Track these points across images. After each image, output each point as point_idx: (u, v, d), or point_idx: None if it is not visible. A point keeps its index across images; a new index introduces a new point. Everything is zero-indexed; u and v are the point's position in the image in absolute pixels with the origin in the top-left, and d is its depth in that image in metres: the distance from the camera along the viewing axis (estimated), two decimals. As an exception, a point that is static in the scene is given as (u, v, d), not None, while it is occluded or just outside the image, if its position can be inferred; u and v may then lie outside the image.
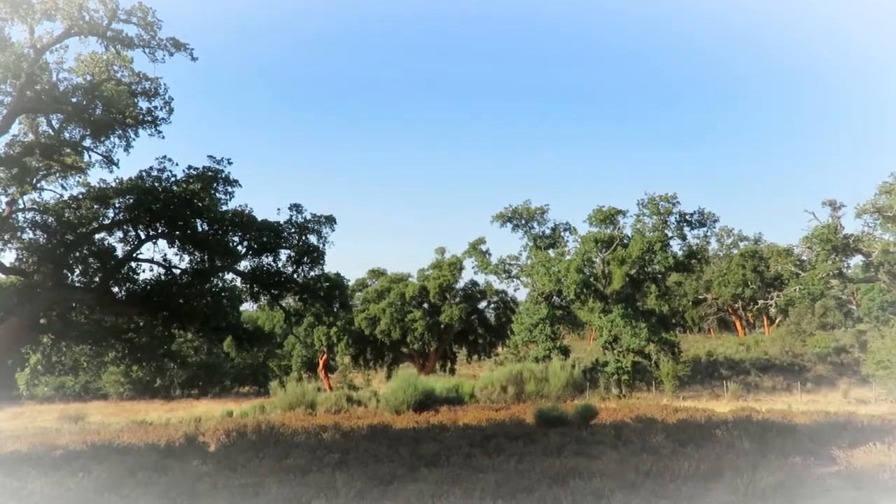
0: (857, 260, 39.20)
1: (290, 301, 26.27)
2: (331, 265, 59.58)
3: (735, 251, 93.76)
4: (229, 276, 21.47)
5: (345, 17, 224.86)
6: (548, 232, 59.49)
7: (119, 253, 20.41)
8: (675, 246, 56.79)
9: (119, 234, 20.55)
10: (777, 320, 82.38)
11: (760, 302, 55.81)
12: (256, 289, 21.65)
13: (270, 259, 21.40)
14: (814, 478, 12.70)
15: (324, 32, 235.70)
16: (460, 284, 64.05)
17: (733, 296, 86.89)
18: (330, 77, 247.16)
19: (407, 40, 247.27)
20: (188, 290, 20.24)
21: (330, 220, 21.67)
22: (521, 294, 65.21)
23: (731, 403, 42.50)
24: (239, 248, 20.91)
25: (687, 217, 55.97)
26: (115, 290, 20.48)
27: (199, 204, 20.26)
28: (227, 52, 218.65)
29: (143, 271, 20.83)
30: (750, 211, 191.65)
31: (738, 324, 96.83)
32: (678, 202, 55.52)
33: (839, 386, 57.99)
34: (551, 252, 58.68)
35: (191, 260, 20.74)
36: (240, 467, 15.77)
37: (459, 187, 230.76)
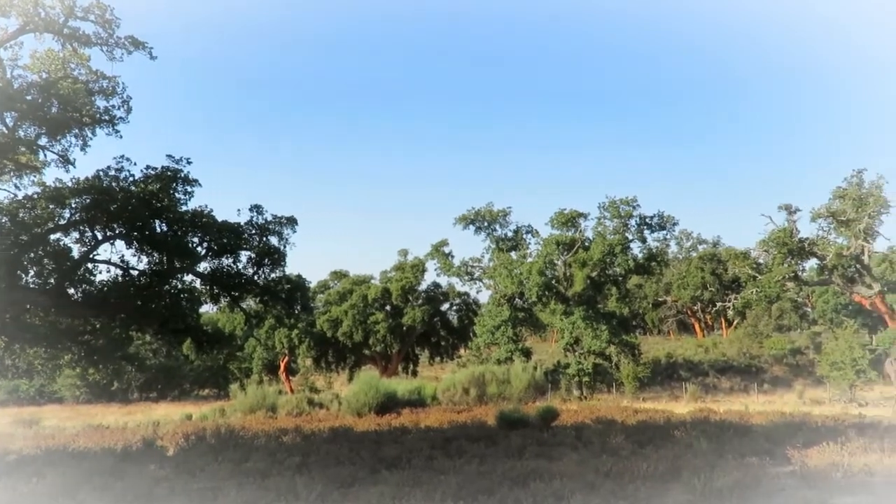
0: (812, 263, 40.03)
1: (250, 303, 26.01)
2: (292, 267, 59.50)
3: (694, 254, 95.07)
4: (188, 277, 21.16)
5: (304, 18, 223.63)
6: (510, 234, 59.77)
7: (75, 254, 20.02)
8: (636, 249, 57.50)
9: (75, 234, 20.14)
10: (735, 322, 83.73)
11: (719, 304, 56.69)
12: (216, 290, 21.38)
13: (230, 260, 21.13)
14: (769, 477, 12.92)
15: (284, 33, 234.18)
16: (423, 286, 64.12)
17: (692, 298, 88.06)
18: (291, 78, 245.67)
19: (369, 41, 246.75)
20: (146, 292, 19.92)
21: (291, 222, 21.50)
22: (484, 296, 65.49)
23: (690, 404, 43.07)
24: (198, 249, 20.63)
25: (647, 220, 56.67)
26: (71, 291, 20.08)
27: (158, 204, 19.94)
28: (186, 51, 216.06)
29: (100, 272, 20.45)
30: (710, 214, 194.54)
31: (696, 326, 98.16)
32: (638, 205, 56.22)
33: (795, 387, 59.08)
34: (513, 254, 58.97)
35: (149, 261, 20.40)
36: (198, 471, 15.58)
37: (422, 189, 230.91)
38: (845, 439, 16.05)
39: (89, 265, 20.20)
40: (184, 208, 20.71)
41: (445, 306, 67.23)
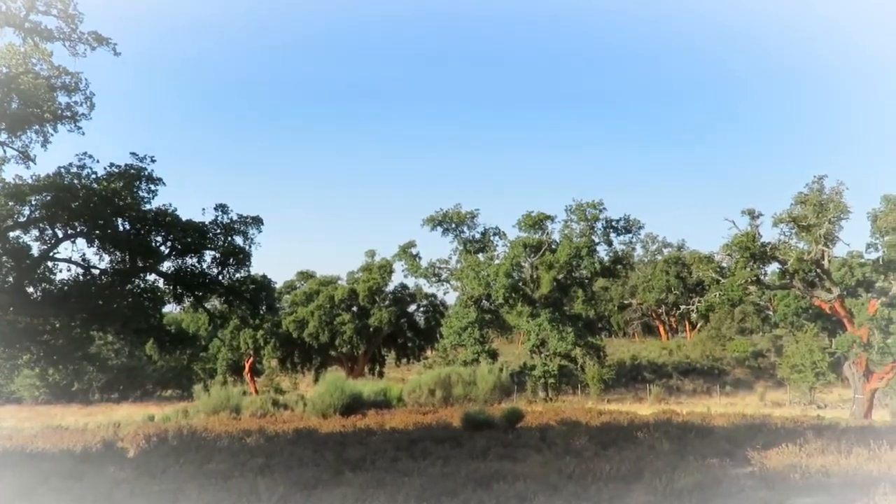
0: (774, 267, 40.55)
1: (215, 303, 25.79)
2: (258, 267, 59.21)
3: (659, 257, 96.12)
4: (151, 276, 20.91)
5: (274, 17, 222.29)
6: (478, 236, 59.98)
7: (35, 252, 19.66)
8: (602, 251, 58.06)
9: (35, 232, 19.79)
10: (698, 325, 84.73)
11: (683, 307, 57.27)
12: (180, 290, 21.15)
13: (195, 260, 20.92)
14: (729, 478, 13.08)
15: (251, 32, 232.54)
16: (390, 287, 64.02)
17: (657, 301, 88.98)
18: (259, 77, 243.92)
19: (337, 40, 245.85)
20: (108, 291, 19.64)
21: (257, 221, 21.35)
22: (451, 298, 65.62)
23: (654, 406, 43.57)
24: (162, 248, 20.39)
25: (613, 223, 57.23)
26: (31, 290, 19.73)
27: (121, 202, 19.68)
28: (152, 50, 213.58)
29: (61, 271, 20.11)
30: (675, 218, 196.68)
31: (661, 328, 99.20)
32: (605, 208, 56.81)
33: (756, 389, 60.08)
34: (481, 256, 59.16)
35: (111, 260, 20.12)
36: (159, 473, 15.38)
37: (390, 190, 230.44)
38: (804, 441, 16.31)
39: (49, 263, 19.87)
40: (147, 207, 20.47)
41: (412, 307, 67.23)
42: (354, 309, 62.40)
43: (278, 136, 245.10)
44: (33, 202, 19.34)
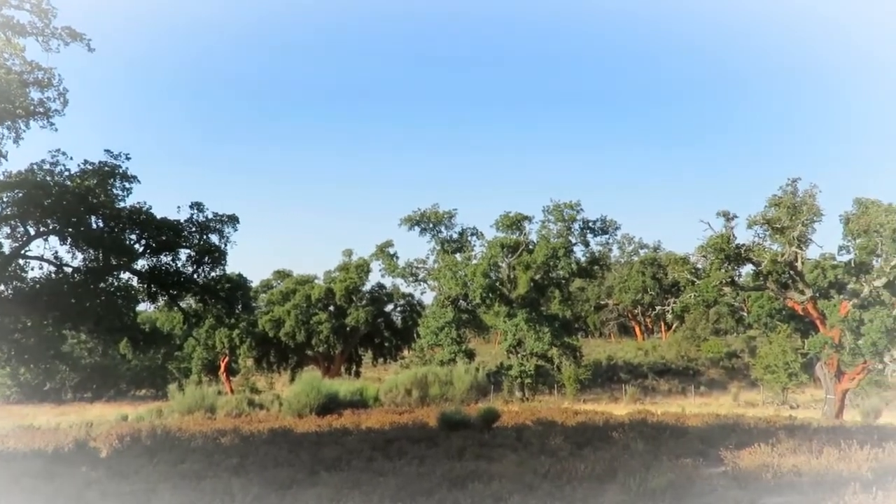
0: (748, 269, 40.98)
1: (190, 302, 25.61)
2: (234, 266, 58.78)
3: (635, 258, 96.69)
4: (125, 275, 20.74)
5: (250, 15, 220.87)
6: (455, 236, 60.03)
7: (6, 249, 19.42)
8: (579, 252, 58.37)
9: (6, 229, 19.54)
10: (674, 326, 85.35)
11: (658, 308, 57.80)
12: (154, 289, 21.00)
13: (169, 258, 20.80)
14: (702, 478, 13.18)
15: (230, 30, 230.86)
16: (367, 287, 63.89)
17: (633, 302, 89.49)
18: (234, 75, 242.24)
19: (315, 39, 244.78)
20: (80, 290, 19.44)
21: (232, 220, 21.24)
22: (428, 297, 65.57)
23: (629, 406, 43.85)
24: (136, 246, 20.24)
25: (590, 224, 57.54)
26: (1, 288, 19.49)
27: (95, 200, 19.50)
28: (128, 48, 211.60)
29: (32, 269, 19.90)
30: (652, 219, 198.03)
31: (637, 329, 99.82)
32: (582, 209, 57.07)
33: (730, 389, 60.66)
34: (458, 256, 59.21)
35: (84, 258, 19.93)
36: (132, 473, 15.23)
37: (368, 189, 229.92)
38: (776, 441, 16.47)
39: (21, 261, 19.65)
40: (121, 204, 20.31)
41: (389, 307, 67.15)
42: (331, 308, 62.20)
43: (255, 134, 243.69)
44: (4, 199, 19.11)
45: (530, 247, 58.04)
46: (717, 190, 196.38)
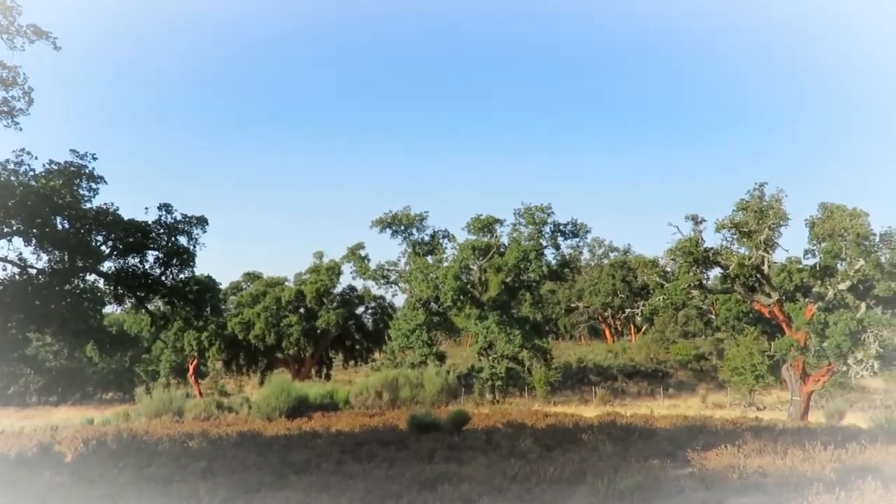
0: (716, 272, 41.42)
1: (158, 304, 25.31)
2: (203, 268, 58.02)
3: (606, 261, 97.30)
4: (91, 276, 20.44)
5: (216, 16, 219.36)
6: (427, 239, 59.96)
7: (-32, 250, 19.09)
8: (550, 255, 58.57)
9: (-32, 230, 19.22)
10: (643, 328, 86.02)
11: (628, 310, 58.13)
12: (121, 291, 20.71)
13: (137, 260, 20.52)
14: (669, 479, 13.30)
15: (198, 33, 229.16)
16: (338, 289, 63.62)
17: (603, 304, 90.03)
18: (203, 78, 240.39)
19: (278, 44, 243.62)
20: (45, 291, 19.11)
21: (201, 222, 21.03)
22: (399, 300, 65.42)
23: (599, 408, 44.13)
24: (102, 247, 19.95)
25: (561, 227, 57.80)
26: (-37, 290, 19.14)
27: (60, 201, 19.19)
28: (97, 48, 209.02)
29: (-5, 271, 19.54)
30: (622, 223, 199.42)
31: (607, 331, 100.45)
32: (553, 212, 57.30)
33: (698, 391, 61.24)
34: (430, 259, 59.17)
35: (49, 259, 19.59)
36: (97, 477, 15.03)
37: (339, 191, 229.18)
38: (742, 442, 16.64)
39: (-17, 263, 19.29)
40: (88, 205, 19.99)
41: (360, 309, 66.92)
42: (302, 311, 61.84)
43: (226, 136, 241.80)
44: (-33, 199, 18.76)
45: (501, 249, 58.17)
46: (686, 193, 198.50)
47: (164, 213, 20.82)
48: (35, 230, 18.72)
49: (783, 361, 39.41)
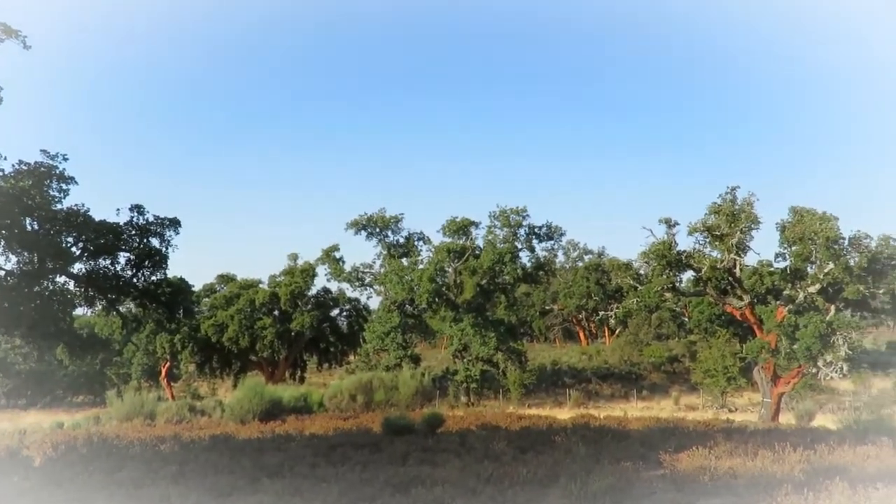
0: (689, 275, 41.78)
1: (129, 306, 25.10)
2: (176, 270, 57.56)
3: (580, 264, 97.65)
4: (61, 278, 20.22)
5: (188, 16, 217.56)
6: (402, 241, 59.86)
7: (-65, 252, 18.80)
8: (525, 258, 58.75)
9: (-65, 231, 18.93)
10: (617, 331, 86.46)
11: (602, 313, 58.45)
12: (92, 293, 20.52)
13: (108, 262, 20.34)
14: (641, 481, 13.41)
15: (168, 34, 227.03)
16: (313, 291, 63.29)
17: (577, 307, 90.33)
18: (175, 78, 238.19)
19: (251, 44, 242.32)
20: (14, 293, 18.88)
21: (174, 223, 20.89)
22: (374, 302, 65.23)
23: (573, 410, 44.29)
24: (73, 249, 19.75)
25: (536, 230, 58.00)
26: (-70, 291, 18.84)
27: (30, 201, 18.97)
28: (69, 46, 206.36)
29: (-37, 272, 19.27)
30: (596, 225, 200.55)
31: (581, 334, 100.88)
32: (528, 215, 57.49)
33: (671, 393, 61.68)
34: (405, 261, 59.09)
35: (18, 261, 19.38)
36: (66, 482, 14.84)
37: (314, 193, 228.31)
38: (714, 443, 16.82)
39: (-50, 264, 19.01)
40: (58, 206, 19.79)
41: (335, 312, 66.63)
42: (276, 313, 61.48)
43: (199, 137, 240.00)
44: (-66, 199, 18.49)
45: (477, 252, 58.25)
46: (661, 197, 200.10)
47: (135, 214, 20.68)
48: (4, 231, 18.50)
49: (754, 363, 39.84)
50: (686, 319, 73.82)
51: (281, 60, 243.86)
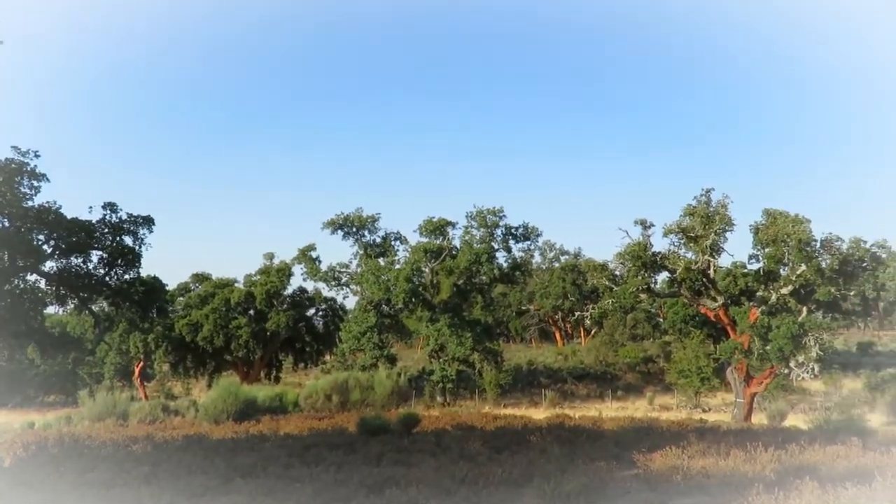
0: (664, 276, 42.09)
1: (102, 305, 24.86)
2: (150, 269, 56.84)
3: (556, 265, 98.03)
4: (32, 276, 19.98)
5: (164, 15, 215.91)
6: (379, 241, 59.75)
7: None
8: (501, 258, 58.88)
9: None
10: (593, 331, 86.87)
11: (578, 313, 58.69)
12: (63, 291, 20.29)
13: (80, 260, 20.13)
14: (615, 481, 13.48)
15: (145, 30, 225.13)
16: (289, 291, 62.97)
17: (553, 307, 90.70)
18: (150, 76, 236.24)
19: (225, 42, 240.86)
20: (-16, 292, 18.64)
21: (147, 222, 20.72)
22: (351, 302, 65.04)
23: (548, 411, 44.40)
24: (44, 247, 19.52)
25: (512, 230, 58.16)
26: None
27: (0, 199, 18.72)
28: (41, 42, 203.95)
29: (-69, 270, 18.97)
30: (572, 226, 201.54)
31: (557, 334, 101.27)
32: (504, 216, 57.64)
33: (646, 393, 62.07)
34: (381, 261, 58.98)
35: (-12, 259, 19.12)
36: (37, 483, 14.64)
37: (290, 192, 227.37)
38: (687, 443, 16.93)
39: (-82, 262, 18.71)
40: (29, 203, 19.54)
41: (311, 312, 66.32)
42: (251, 312, 61.08)
43: (174, 135, 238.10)
44: None
45: (453, 252, 58.28)
46: (636, 198, 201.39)
47: (108, 212, 20.48)
48: (-27, 229, 18.25)
49: (728, 364, 40.21)
50: (661, 320, 74.31)
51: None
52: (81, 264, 20.21)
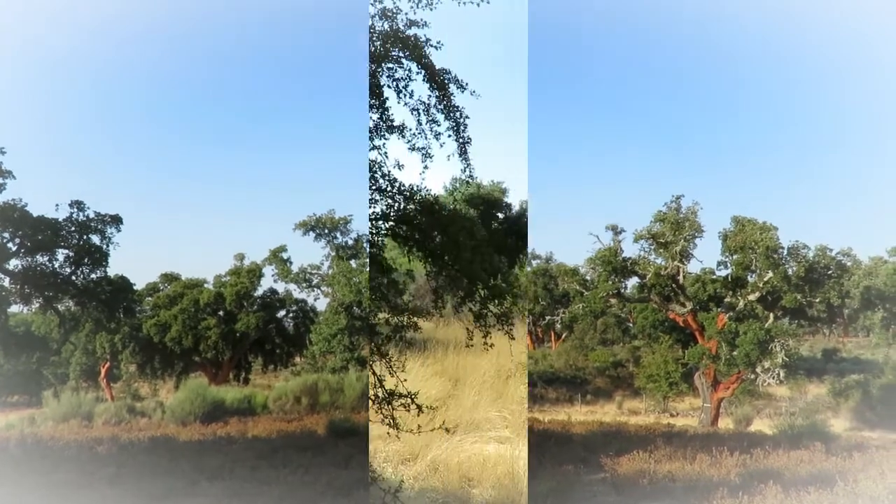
0: (634, 281, 42.32)
1: (68, 304, 24.49)
2: (116, 268, 55.96)
3: (528, 269, 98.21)
4: (-4, 275, 19.63)
5: (138, 9, 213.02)
6: (351, 242, 59.44)
7: None
8: (473, 261, 58.70)
9: None
10: (563, 335, 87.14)
11: (548, 318, 58.83)
12: (28, 290, 19.96)
13: (46, 258, 19.82)
14: (582, 484, 13.57)
15: (117, 24, 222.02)
16: (259, 292, 62.38)
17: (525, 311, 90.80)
18: (120, 71, 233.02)
19: (211, 37, 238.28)
20: (-55, 290, 18.29)
21: (115, 220, 20.47)
22: (322, 304, 64.52)
23: (518, 414, 44.39)
24: (9, 245, 19.20)
25: (485, 234, 58.14)
26: None
27: (-36, 195, 18.40)
28: (10, 37, 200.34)
29: None
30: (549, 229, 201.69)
31: (528, 338, 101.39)
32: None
33: (615, 398, 62.35)
34: (353, 263, 58.71)
35: (-50, 256, 18.76)
36: (-3, 485, 14.41)
37: (262, 190, 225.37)
38: (654, 448, 17.09)
39: None
40: (-6, 201, 19.22)
41: (282, 313, 65.76)
42: (221, 313, 60.45)
43: (146, 132, 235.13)
44: None
45: (425, 255, 58.17)
46: (610, 202, 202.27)
47: (75, 210, 20.20)
48: (-65, 225, 17.90)
49: (696, 369, 40.50)
50: (631, 325, 74.66)
51: (221, 53, 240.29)
52: (47, 263, 19.91)
